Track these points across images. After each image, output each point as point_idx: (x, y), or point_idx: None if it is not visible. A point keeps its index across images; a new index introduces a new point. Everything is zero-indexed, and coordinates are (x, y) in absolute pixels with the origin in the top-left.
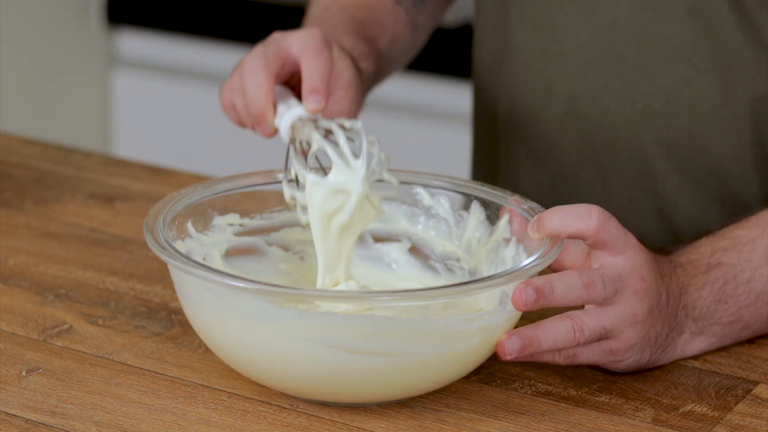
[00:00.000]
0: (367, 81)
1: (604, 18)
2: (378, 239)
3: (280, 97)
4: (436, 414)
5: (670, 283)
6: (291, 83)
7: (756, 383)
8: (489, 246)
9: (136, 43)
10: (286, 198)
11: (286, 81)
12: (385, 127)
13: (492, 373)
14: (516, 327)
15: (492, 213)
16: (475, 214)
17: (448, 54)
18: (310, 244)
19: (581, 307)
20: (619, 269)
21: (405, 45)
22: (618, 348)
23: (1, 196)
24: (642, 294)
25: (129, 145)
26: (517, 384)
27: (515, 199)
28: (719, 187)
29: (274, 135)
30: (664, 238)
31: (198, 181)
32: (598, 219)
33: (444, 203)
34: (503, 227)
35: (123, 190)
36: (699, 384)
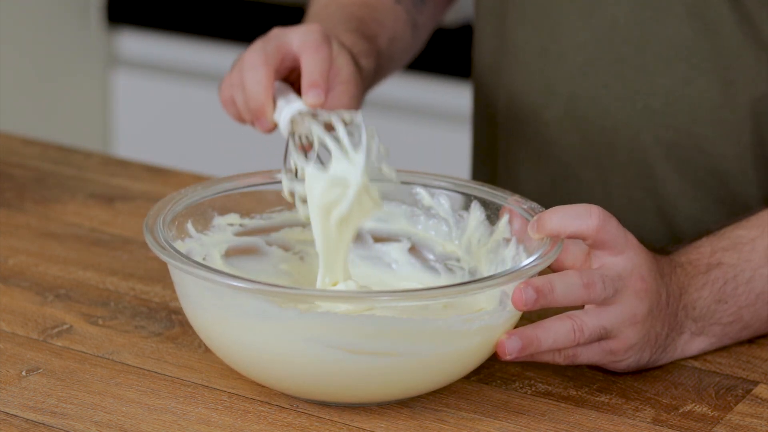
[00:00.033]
0: (367, 79)
1: (604, 18)
2: (378, 239)
3: (279, 93)
4: (436, 414)
5: (670, 283)
6: (290, 79)
7: (756, 383)
8: (489, 246)
9: (136, 43)
10: (284, 191)
11: (285, 77)
12: (385, 127)
13: (492, 373)
14: (516, 327)
15: (492, 213)
16: (475, 214)
17: (448, 54)
18: (310, 244)
19: (581, 307)
20: (619, 269)
21: (405, 44)
22: (618, 348)
23: (1, 196)
24: (642, 294)
25: (129, 145)
26: (517, 384)
27: (515, 199)
28: (719, 187)
29: (273, 130)
30: (664, 238)
31: (198, 181)
32: (598, 219)
33: (444, 203)
34: (503, 227)
35: (123, 190)
36: (699, 384)
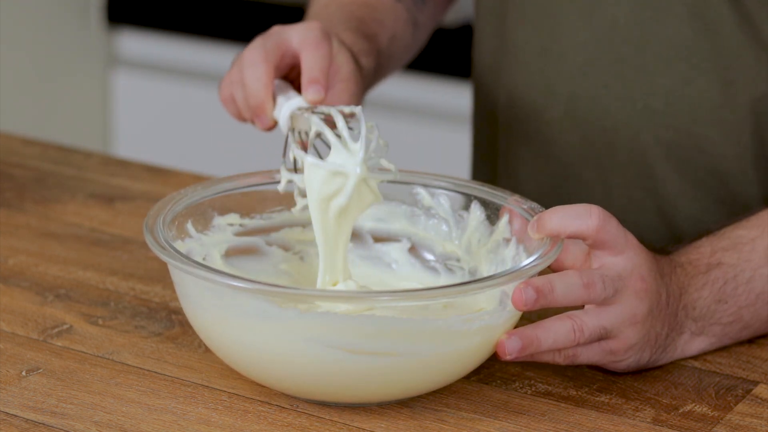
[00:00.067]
0: (367, 78)
1: (604, 18)
2: (378, 239)
3: (279, 90)
4: (436, 414)
5: (670, 283)
6: (290, 77)
7: (756, 383)
8: (489, 246)
9: (136, 43)
10: (282, 184)
11: (285, 74)
12: (385, 127)
13: (492, 373)
14: (516, 327)
15: (492, 213)
16: (475, 214)
17: (448, 54)
18: (310, 244)
19: (581, 307)
20: (619, 269)
21: (405, 43)
22: (618, 348)
23: (1, 196)
24: (642, 294)
25: (129, 145)
26: (517, 384)
27: (515, 199)
28: (719, 187)
29: (273, 127)
30: (664, 238)
31: (198, 181)
32: (598, 219)
33: (444, 203)
34: (503, 227)
35: (123, 190)
36: (699, 384)
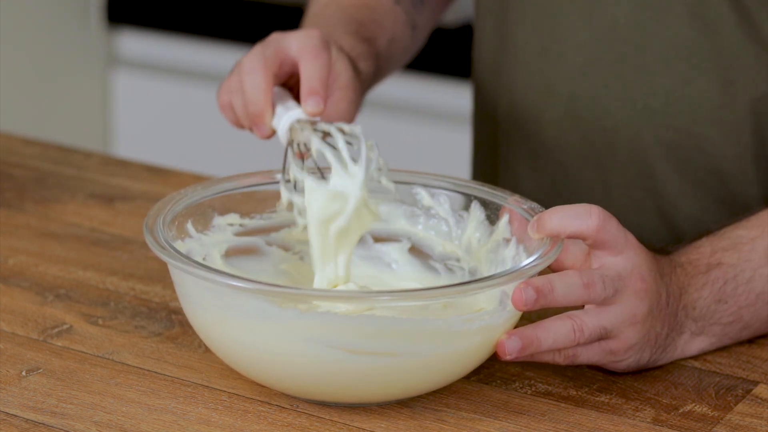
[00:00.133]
0: (366, 81)
1: (604, 18)
2: (378, 239)
3: (278, 99)
4: (436, 414)
5: (670, 283)
6: (289, 84)
7: (756, 383)
8: (489, 246)
9: (136, 43)
10: (283, 201)
11: (284, 82)
12: (385, 127)
13: (492, 373)
14: (516, 327)
15: (492, 213)
16: (475, 214)
17: (448, 54)
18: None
19: (581, 307)
20: (619, 269)
21: (404, 45)
22: (618, 348)
23: (1, 196)
24: (642, 294)
25: (129, 145)
26: (517, 384)
27: (515, 199)
28: (719, 187)
29: (271, 136)
30: (664, 238)
31: (198, 181)
32: (598, 219)
33: (444, 203)
34: (503, 227)
35: (123, 190)
36: (699, 384)
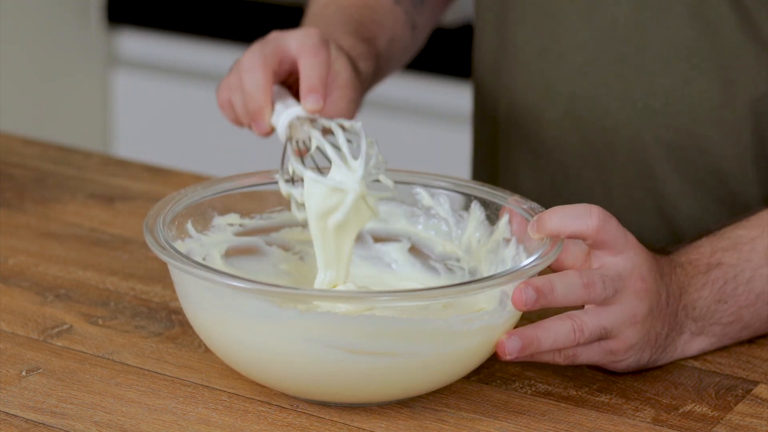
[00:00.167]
0: (366, 81)
1: (604, 18)
2: (378, 239)
3: (277, 97)
4: (436, 414)
5: (670, 283)
6: (288, 83)
7: (756, 383)
8: (489, 246)
9: (136, 43)
10: (282, 192)
11: (283, 80)
12: (385, 127)
13: (492, 373)
14: (516, 327)
15: (492, 213)
16: (475, 214)
17: (448, 54)
18: (310, 244)
19: (581, 307)
20: (619, 269)
21: (404, 45)
22: (618, 348)
23: (1, 196)
24: (642, 294)
25: (129, 145)
26: (517, 384)
27: (515, 199)
28: (719, 187)
29: (270, 134)
30: (664, 238)
31: (198, 181)
32: (598, 219)
33: (444, 203)
34: (503, 227)
35: (123, 190)
36: (699, 384)
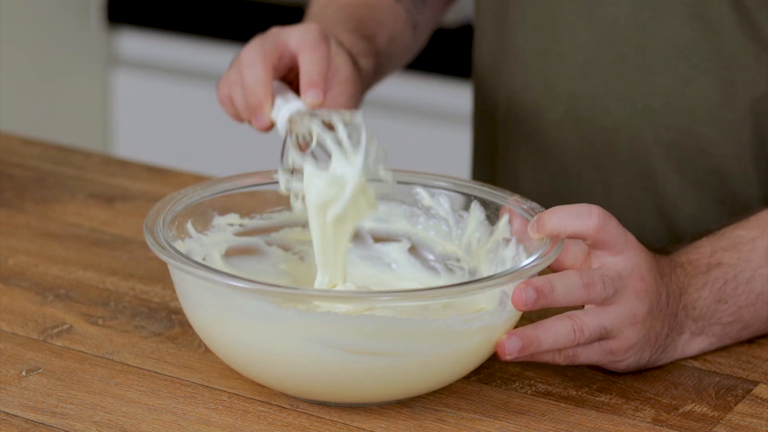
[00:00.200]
0: (366, 79)
1: (604, 18)
2: (378, 239)
3: (277, 92)
4: (436, 414)
5: (670, 283)
6: (288, 78)
7: (756, 383)
8: (489, 246)
9: (136, 43)
10: (281, 188)
11: (283, 76)
12: (385, 127)
13: (492, 373)
14: (516, 327)
15: (492, 213)
16: (475, 214)
17: (448, 54)
18: (309, 244)
19: (581, 307)
20: (619, 269)
21: (405, 43)
22: (618, 348)
23: (1, 196)
24: (642, 294)
25: (129, 145)
26: (517, 384)
27: (515, 199)
28: (719, 187)
29: (270, 129)
30: (664, 238)
31: (198, 181)
32: (598, 219)
33: (444, 203)
34: (503, 227)
35: (123, 190)
36: (699, 384)
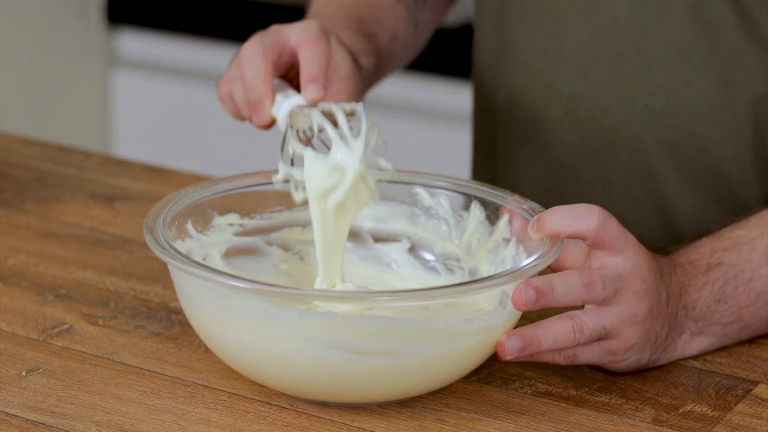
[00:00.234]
0: (367, 77)
1: (604, 18)
2: (378, 239)
3: (278, 89)
4: (436, 414)
5: (670, 283)
6: (288, 76)
7: (756, 383)
8: (489, 246)
9: (136, 43)
10: (279, 177)
11: (283, 73)
12: (385, 127)
13: (492, 373)
14: (516, 327)
15: (492, 213)
16: (475, 214)
17: (448, 54)
18: (309, 244)
19: (581, 307)
20: (619, 269)
21: (406, 42)
22: (618, 348)
23: (1, 196)
24: (642, 294)
25: (129, 145)
26: (517, 384)
27: (515, 199)
28: (719, 187)
29: (271, 125)
30: (664, 238)
31: (198, 181)
32: (598, 219)
33: (444, 203)
34: (503, 227)
35: (123, 190)
36: (699, 384)
